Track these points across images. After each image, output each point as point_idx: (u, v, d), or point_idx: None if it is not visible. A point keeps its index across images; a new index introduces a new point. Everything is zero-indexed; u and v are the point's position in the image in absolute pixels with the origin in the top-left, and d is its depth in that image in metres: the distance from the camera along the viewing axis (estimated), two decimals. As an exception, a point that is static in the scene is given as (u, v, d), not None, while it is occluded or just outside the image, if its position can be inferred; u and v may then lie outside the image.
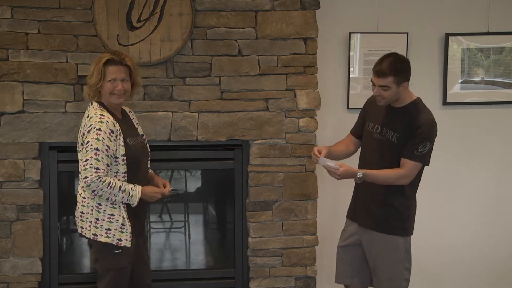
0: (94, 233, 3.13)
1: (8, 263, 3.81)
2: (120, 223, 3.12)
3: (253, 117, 3.92)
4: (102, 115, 3.09)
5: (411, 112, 3.23)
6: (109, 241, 3.11)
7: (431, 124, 3.21)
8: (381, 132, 3.30)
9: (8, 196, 3.78)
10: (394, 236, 3.28)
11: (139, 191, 3.14)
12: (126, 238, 3.13)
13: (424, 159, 3.20)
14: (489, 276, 4.51)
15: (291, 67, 3.92)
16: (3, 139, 3.74)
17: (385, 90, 3.18)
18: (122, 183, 3.08)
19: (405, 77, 3.21)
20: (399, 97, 3.24)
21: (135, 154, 3.20)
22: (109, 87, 3.13)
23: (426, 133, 3.18)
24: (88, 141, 3.03)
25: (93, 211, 3.12)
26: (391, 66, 3.16)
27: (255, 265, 4.03)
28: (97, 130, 3.03)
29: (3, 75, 3.71)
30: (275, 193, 3.99)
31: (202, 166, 4.22)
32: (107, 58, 3.14)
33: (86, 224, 3.16)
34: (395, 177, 3.19)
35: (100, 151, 3.01)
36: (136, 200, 3.12)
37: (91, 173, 2.99)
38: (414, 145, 3.16)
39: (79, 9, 3.74)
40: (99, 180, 2.99)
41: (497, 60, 4.37)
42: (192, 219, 4.58)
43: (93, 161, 3.00)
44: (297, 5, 3.89)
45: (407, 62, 3.27)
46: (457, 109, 4.39)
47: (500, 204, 4.48)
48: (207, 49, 3.85)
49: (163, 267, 4.42)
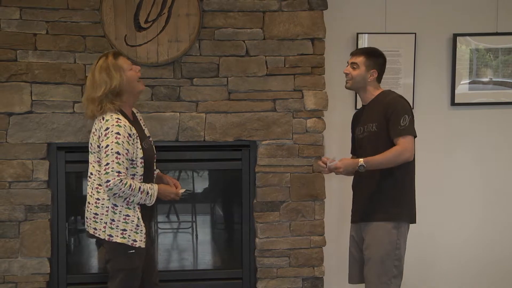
0: (110, 234, 3.12)
1: (16, 263, 3.82)
2: (135, 223, 3.13)
3: (260, 117, 3.92)
4: (119, 118, 3.08)
5: (380, 99, 3.35)
6: (125, 241, 3.11)
7: (398, 99, 3.32)
8: (363, 131, 3.39)
9: (16, 196, 3.79)
10: (381, 223, 3.29)
11: (157, 189, 3.17)
12: (141, 239, 3.14)
13: (410, 130, 3.25)
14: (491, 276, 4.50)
15: (299, 67, 3.92)
16: (12, 140, 3.76)
17: (354, 68, 3.36)
18: (141, 184, 3.11)
19: (376, 65, 3.36)
20: (365, 85, 3.36)
21: (149, 157, 3.24)
22: (134, 75, 3.17)
23: (399, 108, 3.27)
24: (107, 145, 3.02)
25: (108, 212, 3.12)
26: (366, 49, 3.50)
27: (263, 265, 4.03)
28: (116, 134, 3.02)
29: (11, 76, 3.72)
30: (283, 194, 3.99)
31: (210, 167, 4.22)
32: (111, 54, 3.16)
33: (100, 225, 3.15)
34: (395, 155, 3.21)
35: (121, 154, 3.02)
36: (154, 199, 3.15)
37: (113, 177, 2.99)
38: (396, 124, 3.23)
39: (87, 10, 3.75)
40: (121, 183, 3.00)
41: (506, 60, 4.35)
42: (199, 220, 4.58)
43: (114, 165, 3.00)
44: (304, 6, 3.89)
45: (383, 57, 3.41)
46: (465, 110, 4.37)
47: (510, 204, 4.46)
48: (214, 50, 3.86)
49: (170, 268, 4.42)
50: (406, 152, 3.22)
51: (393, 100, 3.31)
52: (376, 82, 3.38)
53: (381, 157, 3.22)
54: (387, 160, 3.22)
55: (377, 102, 3.35)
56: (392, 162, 3.22)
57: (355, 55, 3.39)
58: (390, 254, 3.28)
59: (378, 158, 3.22)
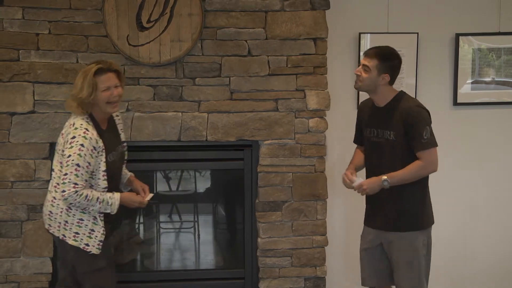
0: (63, 234, 3.14)
1: (19, 263, 3.83)
2: (89, 228, 3.12)
3: (262, 117, 3.92)
4: (87, 129, 3.05)
5: (396, 106, 3.26)
6: (76, 244, 3.12)
7: (417, 109, 3.23)
8: (377, 134, 3.32)
9: (19, 196, 3.80)
10: (410, 232, 3.26)
11: (118, 198, 3.14)
12: (94, 245, 3.13)
13: (433, 142, 3.21)
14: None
15: (301, 67, 3.92)
16: (14, 139, 3.77)
17: (365, 71, 3.23)
18: (100, 193, 3.08)
19: (389, 69, 3.23)
20: (375, 88, 3.26)
21: (114, 170, 3.22)
22: (105, 96, 3.09)
23: (420, 119, 3.20)
24: (70, 155, 3.01)
25: (62, 213, 3.13)
26: (380, 52, 3.26)
27: (265, 265, 4.02)
28: (80, 146, 3.00)
29: (14, 76, 3.73)
30: (285, 194, 3.99)
31: (212, 167, 4.22)
32: (95, 68, 3.08)
33: (55, 223, 3.16)
34: (420, 169, 3.19)
35: (80, 167, 3.00)
36: (115, 208, 3.13)
37: (69, 188, 2.99)
38: (418, 137, 3.17)
39: (89, 9, 3.75)
40: (76, 194, 3.00)
41: (509, 60, 4.34)
42: (201, 220, 4.59)
43: (72, 176, 2.99)
44: (307, 6, 3.89)
45: (398, 58, 3.28)
46: (467, 110, 4.36)
47: (511, 205, 4.46)
48: (217, 50, 3.86)
49: (172, 267, 4.43)
50: (432, 166, 3.20)
51: (412, 110, 3.20)
52: (388, 85, 3.28)
53: (407, 173, 3.18)
54: (413, 176, 3.20)
55: (394, 107, 3.25)
56: (418, 177, 3.21)
57: (368, 57, 3.25)
58: (421, 260, 3.27)
59: (403, 174, 3.18)
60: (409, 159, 3.21)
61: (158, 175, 4.39)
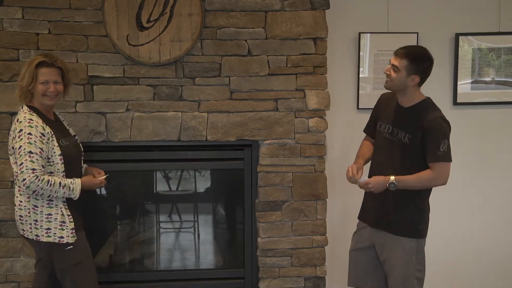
0: (36, 234, 3.17)
1: (19, 263, 3.83)
2: (59, 221, 3.16)
3: (262, 117, 3.92)
4: (31, 119, 3.13)
5: (420, 111, 3.21)
6: (51, 240, 3.15)
7: (439, 121, 3.18)
8: (392, 132, 3.28)
9: (18, 195, 3.79)
10: (407, 238, 3.25)
11: (79, 183, 3.18)
12: (68, 235, 3.16)
13: (448, 157, 3.19)
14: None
15: (301, 67, 3.92)
16: (14, 139, 3.76)
17: (395, 71, 3.18)
18: (62, 179, 3.13)
19: (419, 71, 3.17)
20: (405, 89, 3.21)
21: (69, 153, 3.25)
22: (42, 89, 3.19)
23: (440, 132, 3.16)
24: (20, 146, 3.06)
25: (30, 213, 3.16)
26: (411, 52, 3.18)
27: (265, 265, 4.03)
28: (27, 135, 3.07)
29: (14, 76, 3.72)
30: (285, 193, 3.99)
31: (212, 166, 4.22)
32: (39, 60, 3.19)
33: (26, 226, 3.19)
34: (429, 179, 3.17)
35: (33, 153, 3.05)
36: (78, 193, 3.17)
37: (28, 174, 3.03)
38: (435, 148, 3.14)
39: (89, 9, 3.75)
40: (37, 179, 3.03)
41: (508, 60, 4.35)
42: (201, 219, 4.59)
43: (28, 163, 3.04)
44: (307, 5, 3.88)
45: (429, 60, 3.21)
46: (467, 109, 4.37)
47: (511, 205, 4.46)
48: (216, 49, 3.86)
49: (172, 267, 4.43)
50: (442, 179, 3.19)
51: (436, 120, 3.16)
52: (417, 86, 3.23)
53: (416, 180, 3.17)
54: (421, 185, 3.19)
55: (417, 112, 3.21)
56: (425, 187, 3.21)
57: (398, 57, 3.18)
58: (412, 270, 3.26)
59: (412, 181, 3.17)
60: (416, 167, 3.19)
61: (158, 175, 4.39)
